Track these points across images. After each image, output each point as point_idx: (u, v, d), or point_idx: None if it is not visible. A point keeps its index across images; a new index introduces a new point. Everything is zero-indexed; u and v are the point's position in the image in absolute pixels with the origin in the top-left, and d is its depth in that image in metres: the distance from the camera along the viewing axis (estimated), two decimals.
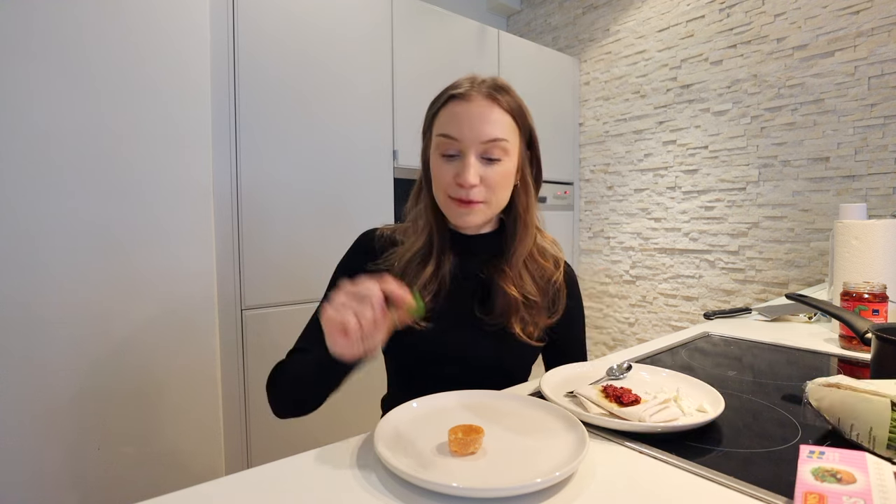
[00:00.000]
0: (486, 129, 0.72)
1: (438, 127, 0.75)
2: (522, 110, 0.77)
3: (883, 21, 1.75)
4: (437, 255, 0.79)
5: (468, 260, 0.81)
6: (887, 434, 0.47)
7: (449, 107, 0.75)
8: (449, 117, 0.74)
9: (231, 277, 1.49)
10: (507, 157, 0.74)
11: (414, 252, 0.79)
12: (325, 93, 1.70)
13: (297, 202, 1.64)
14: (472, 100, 0.73)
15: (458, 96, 0.74)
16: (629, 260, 2.61)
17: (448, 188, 0.74)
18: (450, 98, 0.75)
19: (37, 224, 1.01)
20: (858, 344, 0.90)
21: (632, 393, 0.61)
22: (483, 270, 0.81)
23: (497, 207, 0.78)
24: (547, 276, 0.82)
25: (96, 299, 1.08)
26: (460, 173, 0.72)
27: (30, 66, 1.00)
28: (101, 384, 1.09)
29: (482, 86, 0.75)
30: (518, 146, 0.77)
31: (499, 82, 0.76)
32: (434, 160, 0.76)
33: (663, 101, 2.41)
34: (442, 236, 0.80)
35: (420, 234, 0.80)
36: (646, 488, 0.45)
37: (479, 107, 0.73)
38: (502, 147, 0.73)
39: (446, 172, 0.74)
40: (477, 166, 0.72)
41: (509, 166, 0.75)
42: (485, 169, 0.73)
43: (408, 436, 0.54)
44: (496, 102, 0.74)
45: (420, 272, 0.77)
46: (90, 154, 1.07)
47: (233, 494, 0.45)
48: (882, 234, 1.03)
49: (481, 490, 0.43)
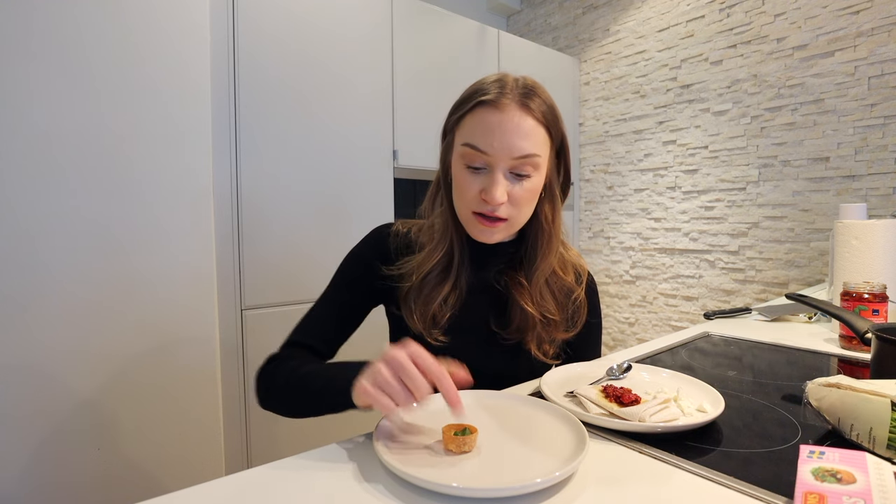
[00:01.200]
0: (517, 144, 0.66)
1: (465, 135, 0.69)
2: (555, 115, 0.71)
3: (883, 21, 1.75)
4: (457, 266, 0.75)
5: (485, 269, 0.77)
6: (887, 434, 0.47)
7: (477, 114, 0.67)
8: (477, 126, 0.67)
9: (231, 277, 1.49)
10: (536, 172, 0.69)
11: (434, 263, 0.74)
12: (326, 93, 1.70)
13: (297, 202, 1.64)
14: (504, 109, 0.66)
15: (487, 103, 0.67)
16: (629, 260, 2.61)
17: (472, 203, 0.69)
18: (478, 104, 0.67)
19: (37, 224, 1.01)
20: (858, 344, 0.90)
21: (632, 393, 0.61)
22: (500, 282, 0.77)
23: (519, 224, 0.73)
24: (567, 291, 0.78)
25: (96, 299, 1.08)
26: (487, 189, 0.67)
27: (30, 65, 1.00)
28: (101, 384, 1.09)
29: (514, 91, 0.67)
30: (548, 157, 0.71)
31: (529, 83, 0.69)
32: (458, 171, 0.70)
33: (663, 101, 2.41)
34: (462, 245, 0.76)
35: (438, 244, 0.75)
36: (646, 488, 0.45)
37: (512, 118, 0.66)
38: (533, 163, 0.67)
39: (471, 186, 0.68)
40: (505, 183, 0.67)
41: (538, 182, 0.70)
42: (512, 186, 0.68)
43: (408, 436, 0.54)
44: (529, 112, 0.67)
45: (440, 286, 0.74)
46: (90, 154, 1.07)
47: (233, 494, 0.45)
48: (882, 234, 1.03)
49: (481, 490, 0.43)
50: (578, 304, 0.79)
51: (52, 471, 1.03)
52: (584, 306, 0.80)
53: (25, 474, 1.00)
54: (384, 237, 0.80)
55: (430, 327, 0.73)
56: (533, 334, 0.74)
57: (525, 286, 0.75)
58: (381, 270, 0.77)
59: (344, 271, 0.81)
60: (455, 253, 0.75)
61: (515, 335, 0.75)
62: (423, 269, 0.74)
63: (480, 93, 0.68)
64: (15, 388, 0.99)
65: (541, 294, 0.75)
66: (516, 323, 0.75)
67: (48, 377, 1.02)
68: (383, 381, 0.51)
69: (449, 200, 0.75)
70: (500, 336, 0.76)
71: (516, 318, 0.75)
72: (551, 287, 0.77)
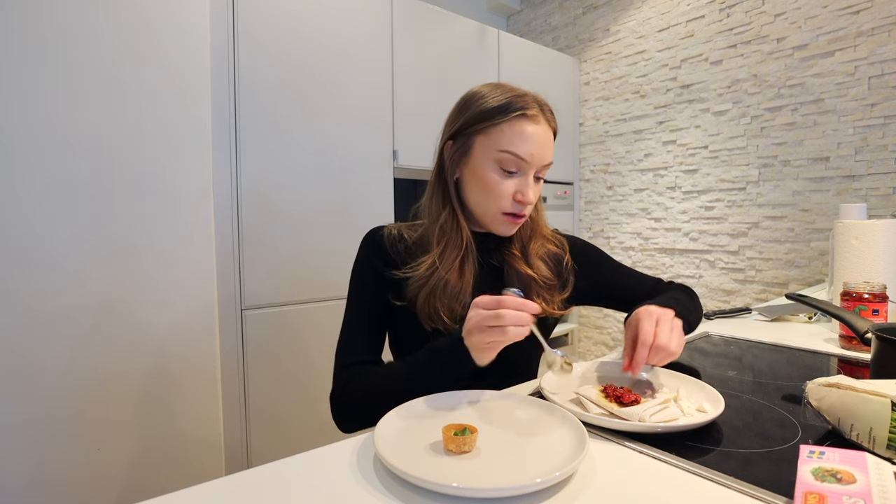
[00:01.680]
0: (547, 155, 0.77)
1: (503, 142, 0.74)
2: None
3: (883, 21, 1.74)
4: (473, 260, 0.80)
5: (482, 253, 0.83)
6: (887, 434, 0.47)
7: (519, 124, 0.75)
8: (517, 136, 0.74)
9: (231, 277, 1.49)
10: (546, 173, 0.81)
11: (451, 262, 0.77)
12: (325, 93, 1.70)
13: (297, 202, 1.64)
14: (541, 124, 0.76)
15: (530, 117, 0.75)
16: (629, 260, 2.61)
17: (506, 204, 0.77)
18: (521, 116, 0.75)
19: (37, 224, 1.01)
20: (858, 344, 0.90)
21: (632, 393, 0.61)
22: (494, 258, 0.84)
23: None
24: (556, 258, 0.87)
25: (96, 299, 1.08)
26: (523, 192, 0.76)
27: (29, 66, 1.00)
28: (102, 384, 1.09)
29: (545, 110, 0.78)
30: None
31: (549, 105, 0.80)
32: (489, 173, 0.76)
33: (663, 101, 2.41)
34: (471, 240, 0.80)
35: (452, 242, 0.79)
36: (646, 488, 0.45)
37: (546, 133, 0.77)
38: (548, 167, 0.79)
39: (507, 188, 0.76)
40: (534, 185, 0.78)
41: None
42: (534, 187, 0.79)
43: (408, 436, 0.55)
44: (552, 129, 0.79)
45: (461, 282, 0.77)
46: (90, 154, 1.07)
47: (233, 494, 0.45)
48: (882, 234, 1.03)
49: (481, 490, 0.43)
50: (569, 269, 0.88)
51: (53, 471, 1.03)
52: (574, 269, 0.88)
53: (26, 474, 1.00)
54: (380, 240, 0.83)
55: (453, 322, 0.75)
56: (537, 296, 0.80)
57: (518, 255, 0.83)
58: (389, 274, 0.79)
59: (358, 283, 0.83)
60: (470, 247, 0.80)
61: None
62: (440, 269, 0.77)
63: (519, 107, 0.75)
64: (15, 388, 0.99)
65: (533, 263, 0.83)
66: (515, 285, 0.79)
67: (48, 377, 1.02)
68: (492, 319, 0.60)
69: (458, 199, 0.80)
70: None
71: (514, 282, 0.80)
72: (542, 257, 0.85)
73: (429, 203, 0.83)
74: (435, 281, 0.76)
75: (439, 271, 0.76)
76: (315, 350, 1.66)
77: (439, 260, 0.77)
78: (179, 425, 1.19)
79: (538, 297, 0.80)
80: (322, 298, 1.68)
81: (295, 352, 1.63)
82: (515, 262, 0.82)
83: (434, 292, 0.76)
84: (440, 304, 0.75)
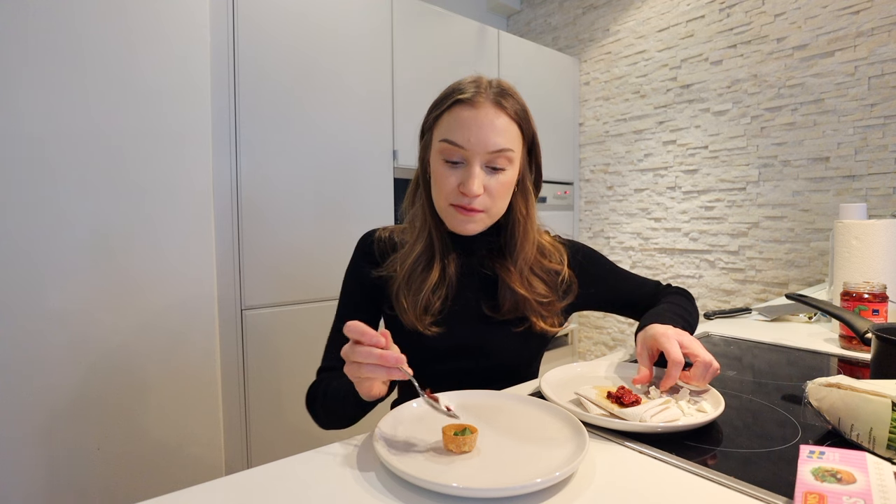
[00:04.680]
0: (492, 139, 0.70)
1: (442, 131, 0.73)
2: (527, 114, 0.76)
3: (883, 21, 1.74)
4: (441, 256, 0.78)
5: (469, 258, 0.81)
6: (887, 434, 0.47)
7: (454, 111, 0.72)
8: (454, 123, 0.71)
9: (231, 277, 1.49)
10: (510, 166, 0.73)
11: (416, 255, 0.77)
12: (325, 93, 1.70)
13: (296, 202, 1.64)
14: (479, 107, 0.71)
15: (464, 101, 0.71)
16: (629, 260, 2.61)
17: (450, 196, 0.73)
18: (455, 102, 0.72)
19: (37, 224, 1.01)
20: (858, 344, 0.90)
21: (632, 394, 0.61)
22: (486, 266, 0.80)
23: (496, 216, 0.77)
24: (553, 273, 0.82)
25: (96, 299, 1.08)
26: (465, 182, 0.71)
27: (29, 66, 1.00)
28: (102, 384, 1.09)
29: (489, 91, 0.72)
30: (521, 153, 0.76)
31: (504, 86, 0.74)
32: (436, 166, 0.74)
33: (663, 101, 2.41)
34: (442, 237, 0.79)
35: (419, 237, 0.78)
36: (646, 488, 0.45)
37: (487, 115, 0.70)
38: (507, 157, 0.72)
39: (449, 180, 0.72)
40: (481, 176, 0.71)
41: (512, 175, 0.74)
42: (488, 178, 0.72)
43: (407, 436, 0.54)
44: (503, 110, 0.72)
45: (427, 276, 0.76)
46: (90, 154, 1.07)
47: (233, 494, 0.45)
48: (882, 234, 1.03)
49: (481, 490, 0.43)
50: (568, 281, 0.83)
51: (53, 471, 1.03)
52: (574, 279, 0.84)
53: (25, 474, 1.00)
54: (369, 244, 0.84)
55: (422, 315, 0.75)
56: (535, 314, 0.78)
57: (512, 271, 0.78)
58: (372, 274, 0.80)
59: (345, 289, 0.85)
60: (435, 243, 0.78)
61: (512, 315, 0.78)
62: (407, 262, 0.77)
63: (457, 92, 0.73)
64: (15, 388, 0.99)
65: (528, 281, 0.79)
66: (509, 303, 0.77)
67: (48, 377, 1.02)
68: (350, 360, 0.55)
69: (427, 196, 0.79)
70: (494, 319, 0.78)
71: (507, 298, 0.77)
72: (537, 273, 0.80)
73: (406, 202, 0.85)
74: (403, 273, 0.77)
75: (402, 266, 0.77)
76: (315, 350, 1.65)
77: (406, 254, 0.78)
78: (179, 425, 1.19)
79: (535, 315, 0.78)
80: (322, 298, 1.68)
81: (295, 352, 1.63)
82: (510, 280, 0.77)
83: (400, 287, 0.77)
84: (405, 298, 0.76)
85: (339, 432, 0.71)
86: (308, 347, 1.64)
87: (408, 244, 0.79)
